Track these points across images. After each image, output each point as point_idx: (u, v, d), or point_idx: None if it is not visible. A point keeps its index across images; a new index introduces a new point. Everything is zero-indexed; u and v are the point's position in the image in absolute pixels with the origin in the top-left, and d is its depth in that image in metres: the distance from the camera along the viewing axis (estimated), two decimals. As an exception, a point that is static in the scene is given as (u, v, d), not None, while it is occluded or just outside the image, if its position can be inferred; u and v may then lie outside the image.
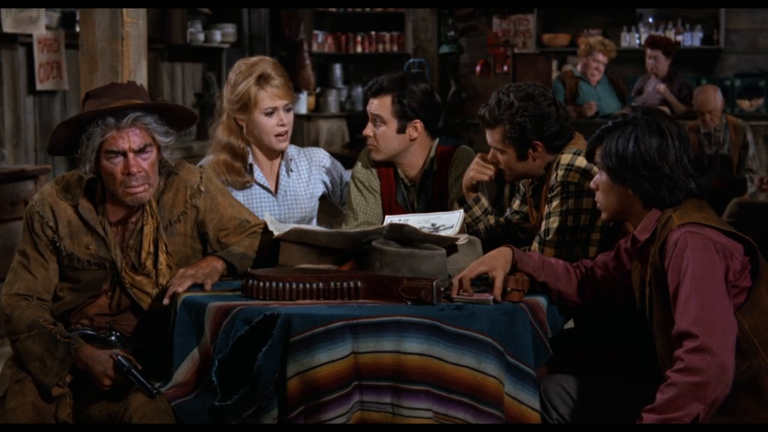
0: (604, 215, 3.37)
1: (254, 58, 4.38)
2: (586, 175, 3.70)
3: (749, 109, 10.43)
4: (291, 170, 4.44)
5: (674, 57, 9.50)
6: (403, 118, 4.27)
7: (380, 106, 4.29)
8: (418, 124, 4.29)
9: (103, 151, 3.54)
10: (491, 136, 3.89)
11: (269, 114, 4.28)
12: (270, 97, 4.27)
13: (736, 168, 8.09)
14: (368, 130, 4.34)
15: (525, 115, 3.79)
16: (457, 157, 4.35)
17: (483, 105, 3.91)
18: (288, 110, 4.33)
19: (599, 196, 3.34)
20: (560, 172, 3.74)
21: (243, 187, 4.35)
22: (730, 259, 3.06)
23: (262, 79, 4.26)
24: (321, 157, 4.55)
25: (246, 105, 4.27)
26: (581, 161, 3.72)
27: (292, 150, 4.47)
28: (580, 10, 11.62)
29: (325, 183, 4.53)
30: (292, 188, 4.42)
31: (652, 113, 3.26)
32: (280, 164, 4.43)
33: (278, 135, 4.32)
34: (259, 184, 4.37)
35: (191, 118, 3.82)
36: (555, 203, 3.75)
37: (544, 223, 3.79)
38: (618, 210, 3.31)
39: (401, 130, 4.29)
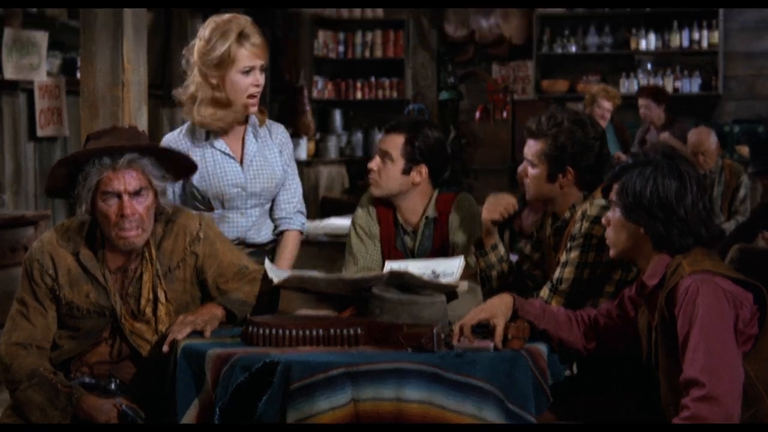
0: (612, 252, 3.37)
1: (229, 15, 4.21)
2: None
3: (748, 156, 10.44)
4: (258, 136, 4.32)
5: (668, 103, 9.47)
6: (411, 160, 4.29)
7: (391, 143, 4.31)
8: (423, 169, 4.30)
9: (99, 191, 3.54)
10: (529, 148, 3.87)
11: (246, 73, 4.16)
12: (249, 55, 4.14)
13: (727, 211, 8.07)
14: (374, 164, 4.34)
15: (571, 138, 3.79)
16: (458, 204, 4.35)
17: (534, 117, 3.90)
18: (263, 71, 4.20)
19: (609, 233, 3.34)
20: (586, 224, 3.71)
21: (207, 150, 4.23)
22: (740, 308, 3.06)
23: (242, 37, 4.12)
24: (281, 131, 4.42)
25: (223, 62, 4.13)
26: None
27: (254, 118, 4.33)
28: (579, 56, 11.68)
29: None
30: (259, 154, 4.29)
31: (672, 156, 3.26)
32: (245, 130, 4.30)
33: (251, 96, 4.19)
34: (221, 152, 4.25)
35: (191, 166, 3.82)
36: (574, 254, 3.73)
37: (558, 270, 3.76)
38: (627, 248, 3.31)
39: (406, 172, 4.30)
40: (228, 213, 4.22)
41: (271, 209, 4.38)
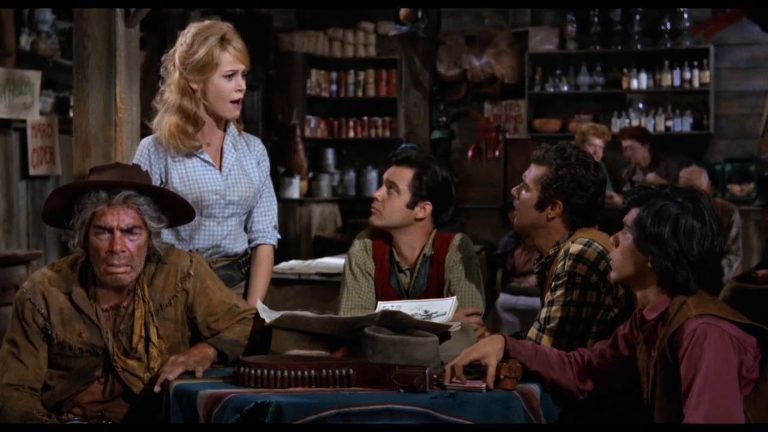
0: (613, 275, 3.35)
1: (209, 21, 4.22)
2: (594, 268, 3.70)
3: (740, 194, 10.48)
4: (237, 146, 4.32)
5: (651, 142, 9.48)
6: (417, 194, 4.29)
7: (400, 175, 4.32)
8: (428, 206, 4.30)
9: (92, 225, 3.56)
10: (530, 171, 3.91)
11: (229, 77, 4.16)
12: (232, 59, 4.14)
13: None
14: (379, 193, 4.34)
15: (570, 173, 3.82)
16: (455, 244, 4.35)
17: (544, 144, 3.95)
18: (244, 76, 4.21)
19: (616, 255, 3.31)
20: (569, 262, 3.74)
21: (188, 156, 4.21)
22: (744, 354, 3.04)
23: (225, 41, 4.12)
24: (259, 144, 4.43)
25: (205, 66, 4.12)
26: (591, 254, 3.72)
27: (232, 128, 4.34)
28: (571, 95, 11.73)
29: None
30: (237, 163, 4.28)
31: (696, 198, 3.20)
32: (224, 139, 4.29)
33: (233, 101, 4.20)
34: (201, 159, 4.23)
35: (188, 212, 3.82)
36: (559, 292, 3.74)
37: (544, 310, 3.78)
38: (630, 276, 3.28)
39: (410, 206, 4.30)
40: (205, 221, 4.20)
41: (246, 222, 4.38)
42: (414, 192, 4.30)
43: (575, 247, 3.75)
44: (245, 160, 4.31)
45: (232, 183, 4.24)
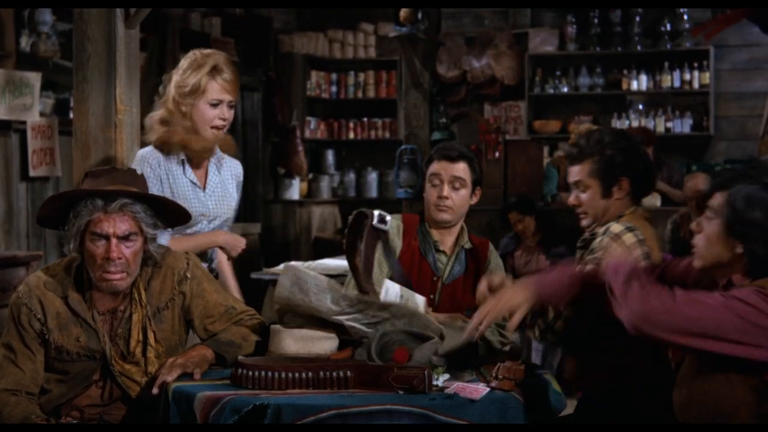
0: (697, 263, 3.12)
1: (209, 50, 4.49)
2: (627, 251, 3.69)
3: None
4: (220, 168, 4.58)
5: (655, 144, 9.46)
6: (473, 183, 4.42)
7: (462, 169, 4.39)
8: (478, 191, 4.46)
9: (88, 231, 3.55)
10: (576, 173, 3.89)
11: (213, 105, 4.40)
12: (218, 89, 4.40)
13: None
14: (446, 192, 4.37)
15: (616, 148, 3.82)
16: (491, 248, 4.48)
17: (569, 144, 3.93)
18: (231, 107, 4.46)
19: (701, 241, 3.08)
20: (606, 239, 3.74)
21: (178, 174, 4.44)
22: None
23: (215, 71, 4.39)
24: (238, 169, 4.72)
25: (194, 92, 4.38)
26: (629, 239, 3.70)
27: (218, 151, 4.60)
28: (571, 97, 11.73)
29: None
30: (220, 185, 4.55)
31: None
32: (209, 161, 4.54)
33: (214, 127, 4.43)
34: (190, 180, 4.47)
35: (184, 216, 3.82)
36: (590, 268, 3.72)
37: None
38: (717, 263, 3.07)
39: (469, 195, 4.43)
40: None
41: None
42: (473, 181, 4.43)
43: (616, 227, 3.74)
44: (226, 182, 4.58)
45: (215, 203, 4.50)
